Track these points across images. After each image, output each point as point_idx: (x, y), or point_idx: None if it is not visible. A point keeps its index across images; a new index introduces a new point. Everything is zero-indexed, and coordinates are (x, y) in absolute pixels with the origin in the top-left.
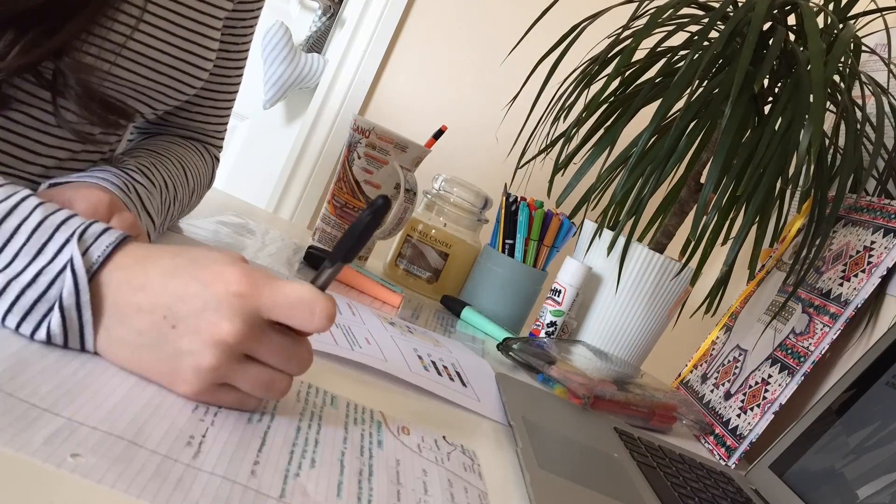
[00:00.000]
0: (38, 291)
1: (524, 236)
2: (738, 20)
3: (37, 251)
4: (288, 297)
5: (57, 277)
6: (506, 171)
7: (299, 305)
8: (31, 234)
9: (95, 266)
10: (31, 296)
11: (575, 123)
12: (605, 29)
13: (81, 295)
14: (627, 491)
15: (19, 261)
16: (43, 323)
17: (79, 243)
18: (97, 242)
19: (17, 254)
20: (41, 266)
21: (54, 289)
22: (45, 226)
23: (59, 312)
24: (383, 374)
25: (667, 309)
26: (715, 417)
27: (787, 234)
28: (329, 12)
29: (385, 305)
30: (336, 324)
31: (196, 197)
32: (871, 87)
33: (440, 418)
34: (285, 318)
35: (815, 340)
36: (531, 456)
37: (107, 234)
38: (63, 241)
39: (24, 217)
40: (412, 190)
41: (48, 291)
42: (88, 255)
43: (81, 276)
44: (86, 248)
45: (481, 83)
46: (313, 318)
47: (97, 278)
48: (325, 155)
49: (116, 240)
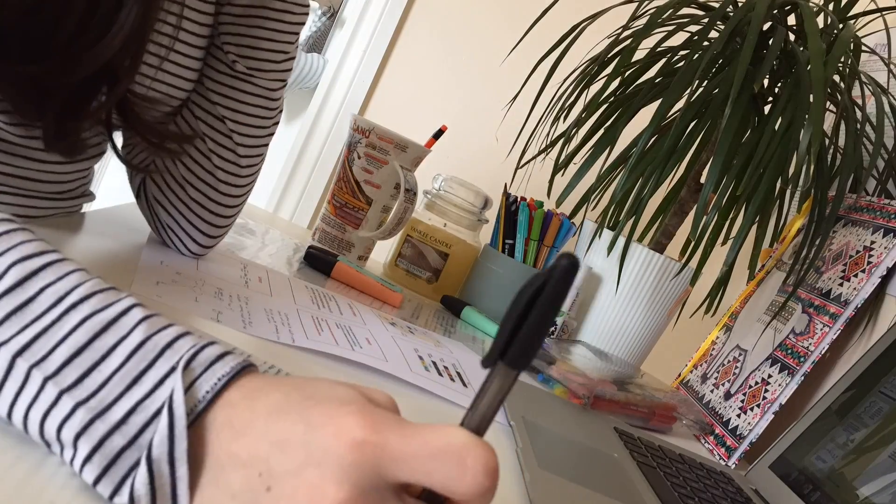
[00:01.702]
0: (127, 436)
1: (524, 236)
2: (737, 20)
3: (132, 380)
4: (428, 444)
5: (154, 418)
6: (506, 171)
7: (442, 455)
8: (128, 357)
9: (201, 406)
10: (118, 441)
11: (575, 123)
12: (605, 29)
13: (177, 444)
14: (627, 491)
15: (107, 391)
16: (126, 481)
17: (184, 374)
18: (208, 373)
19: (105, 381)
20: (136, 400)
21: (147, 433)
22: (147, 348)
23: (145, 466)
24: (384, 374)
25: (667, 309)
26: (715, 417)
27: (787, 234)
28: (329, 12)
29: (385, 305)
30: (337, 324)
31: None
32: (871, 87)
33: (440, 419)
34: (422, 476)
35: (815, 340)
36: (531, 456)
37: (222, 361)
38: (167, 370)
39: (124, 335)
40: (412, 190)
41: (140, 437)
42: (194, 390)
43: (179, 418)
44: (192, 379)
45: (481, 83)
46: (465, 474)
47: (201, 421)
48: (325, 155)
49: (233, 370)
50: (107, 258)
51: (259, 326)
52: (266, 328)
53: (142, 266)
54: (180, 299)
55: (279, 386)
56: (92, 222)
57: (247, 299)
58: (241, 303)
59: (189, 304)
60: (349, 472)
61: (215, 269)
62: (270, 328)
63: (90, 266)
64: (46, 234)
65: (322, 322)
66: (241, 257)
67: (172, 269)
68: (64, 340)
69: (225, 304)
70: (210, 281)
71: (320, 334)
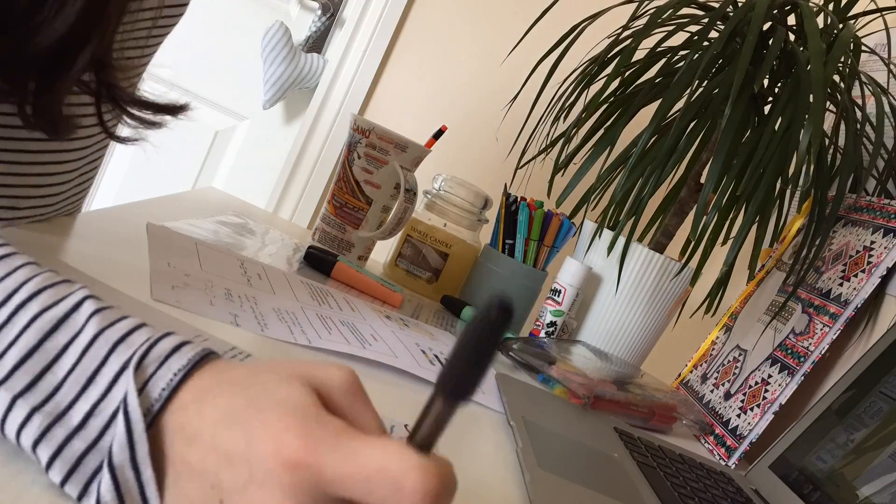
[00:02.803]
0: (87, 440)
1: (524, 236)
2: (737, 20)
3: (86, 381)
4: (364, 466)
5: (111, 420)
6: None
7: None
8: (81, 356)
9: (157, 406)
10: (78, 446)
11: (575, 123)
12: (605, 29)
13: (138, 448)
14: (627, 491)
15: (62, 394)
16: (92, 485)
17: (137, 372)
18: (162, 369)
19: (60, 384)
20: (92, 403)
21: (107, 437)
22: (99, 344)
23: (108, 473)
24: (394, 369)
25: (667, 309)
26: (715, 417)
27: (787, 234)
28: (329, 12)
29: (385, 305)
30: (341, 321)
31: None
32: (871, 87)
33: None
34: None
35: (815, 340)
36: (531, 456)
37: (177, 355)
38: (119, 368)
39: (76, 333)
40: (412, 190)
41: (100, 440)
42: (149, 389)
43: (136, 422)
44: (147, 377)
45: (481, 83)
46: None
47: (157, 421)
48: (325, 155)
49: (190, 362)
50: (113, 262)
51: (274, 328)
52: (281, 329)
53: (153, 271)
54: (196, 304)
55: (227, 387)
56: (92, 222)
57: (255, 299)
58: (251, 303)
59: (206, 307)
60: (289, 493)
61: (217, 268)
62: (284, 329)
63: (98, 271)
64: (47, 234)
65: (327, 320)
66: (239, 254)
67: (181, 271)
68: (14, 343)
69: (237, 305)
70: (217, 282)
71: (330, 333)
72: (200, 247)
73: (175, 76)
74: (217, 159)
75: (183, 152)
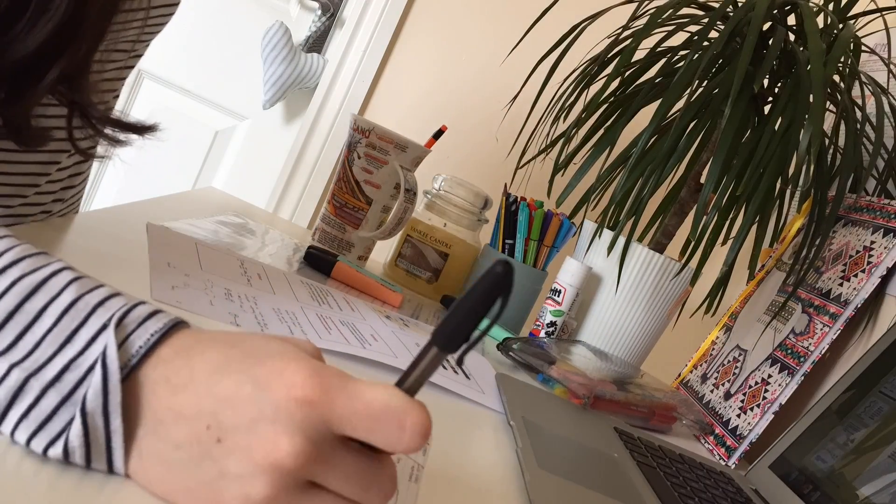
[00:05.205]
0: (62, 393)
1: (524, 236)
2: (737, 20)
3: (65, 339)
4: (369, 405)
5: (87, 374)
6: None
7: (384, 416)
8: (60, 316)
9: (135, 360)
10: (52, 399)
11: (575, 123)
12: (605, 29)
13: (111, 397)
14: (627, 491)
15: (41, 351)
16: (61, 437)
17: (116, 331)
18: (140, 329)
19: (39, 342)
20: (69, 358)
21: (82, 389)
22: (78, 307)
23: (80, 419)
24: (394, 369)
25: (667, 309)
26: (715, 417)
27: (787, 234)
28: (329, 12)
29: (385, 305)
30: (341, 321)
31: None
32: (871, 87)
33: (440, 416)
34: (365, 433)
35: (815, 340)
36: (531, 456)
37: (154, 318)
38: (99, 328)
39: (54, 295)
40: (412, 190)
41: (74, 393)
42: (127, 346)
43: (113, 372)
44: (125, 336)
45: (481, 83)
46: (402, 434)
47: (134, 376)
48: (325, 155)
49: (165, 326)
50: (113, 262)
51: (274, 328)
52: (281, 329)
53: (153, 271)
54: (197, 304)
55: (214, 342)
56: (92, 222)
57: (255, 299)
58: (250, 303)
59: (205, 307)
60: (300, 427)
61: (217, 268)
62: (284, 328)
63: (98, 271)
64: (47, 233)
65: (327, 320)
66: (238, 254)
67: (181, 272)
68: None
69: (237, 305)
70: (217, 282)
71: (330, 333)
72: (200, 247)
73: (175, 76)
74: (217, 159)
75: (183, 152)
